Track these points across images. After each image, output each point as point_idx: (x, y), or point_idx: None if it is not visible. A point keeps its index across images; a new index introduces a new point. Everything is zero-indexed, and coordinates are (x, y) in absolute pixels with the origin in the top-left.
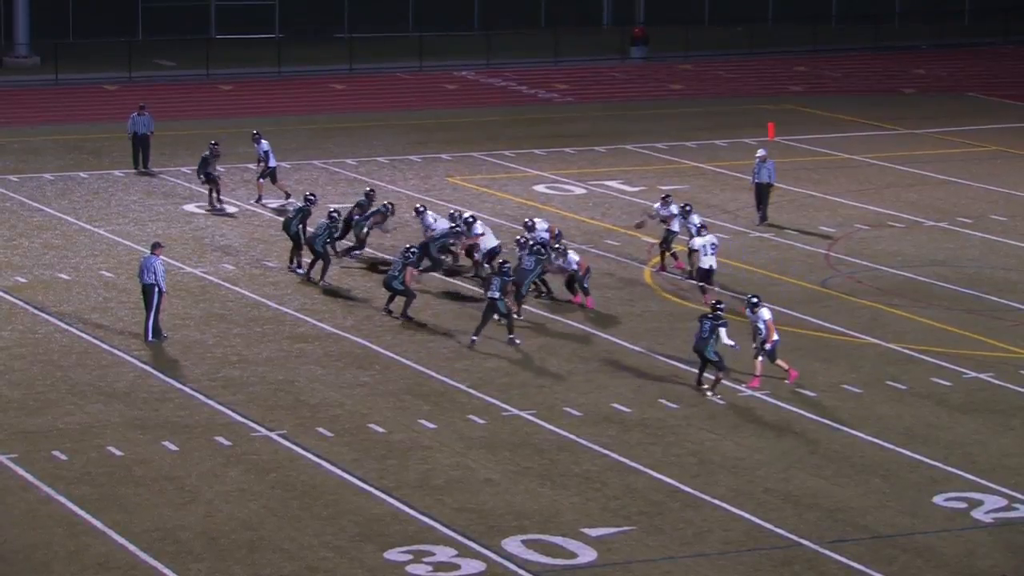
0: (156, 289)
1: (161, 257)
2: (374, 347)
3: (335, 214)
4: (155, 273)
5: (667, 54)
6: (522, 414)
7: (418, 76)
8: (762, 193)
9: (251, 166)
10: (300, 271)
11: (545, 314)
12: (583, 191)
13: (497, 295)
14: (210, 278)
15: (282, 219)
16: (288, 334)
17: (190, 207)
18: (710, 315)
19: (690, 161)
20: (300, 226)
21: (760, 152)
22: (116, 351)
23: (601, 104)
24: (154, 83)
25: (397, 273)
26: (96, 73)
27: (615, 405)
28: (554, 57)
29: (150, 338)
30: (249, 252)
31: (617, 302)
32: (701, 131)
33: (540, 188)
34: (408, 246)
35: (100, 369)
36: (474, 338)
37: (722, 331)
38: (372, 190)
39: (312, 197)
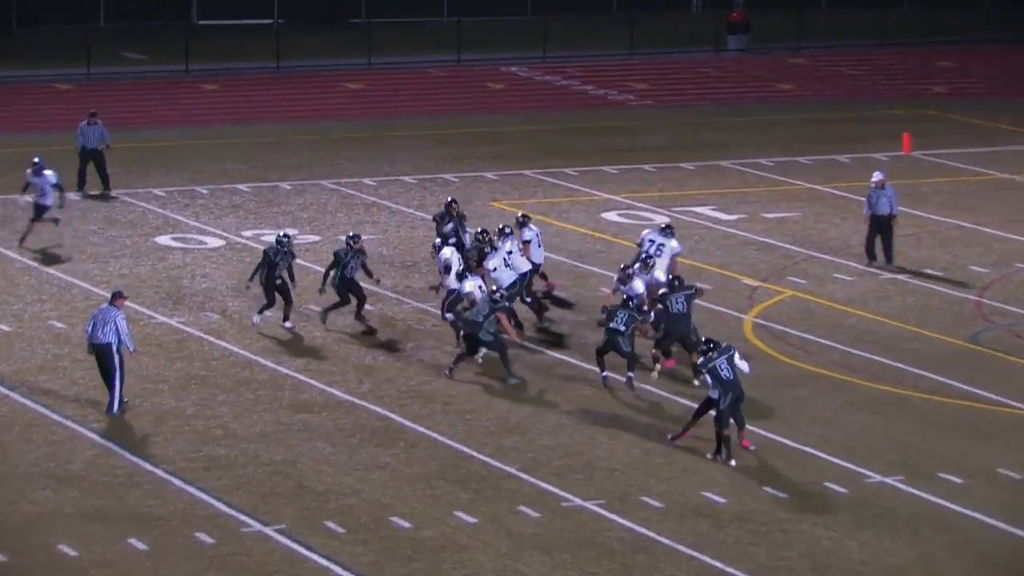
0: (113, 351)
1: (122, 311)
2: (397, 419)
3: (353, 239)
4: (117, 331)
5: (773, 45)
6: (587, 505)
7: (455, 73)
8: (882, 227)
9: (242, 187)
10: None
11: (610, 375)
12: (666, 219)
13: (622, 329)
14: (189, 330)
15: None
16: (288, 402)
17: (164, 239)
18: (713, 352)
19: (802, 182)
20: (266, 275)
21: (876, 176)
22: (69, 423)
23: (689, 109)
24: (119, 81)
25: (482, 319)
26: (46, 69)
27: (705, 493)
28: (629, 49)
29: (114, 410)
30: (238, 297)
31: None
32: (817, 143)
33: (611, 216)
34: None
35: (49, 446)
36: (605, 375)
37: (736, 357)
38: (454, 200)
39: (284, 239)
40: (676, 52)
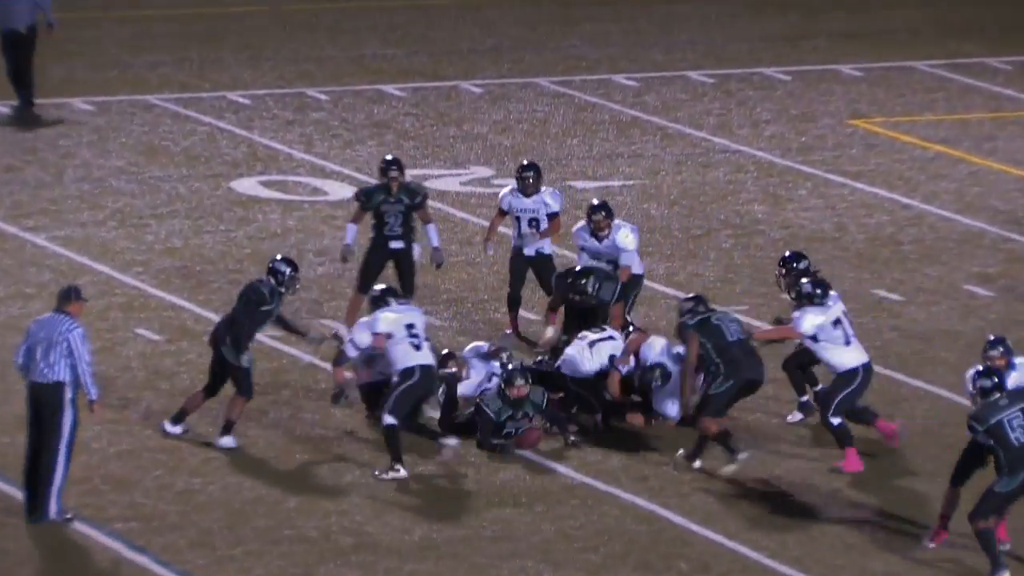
0: (64, 396)
1: (79, 324)
2: (676, 519)
3: (281, 270)
4: (60, 358)
5: None
6: None
7: None
8: None
9: (391, 89)
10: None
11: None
12: None
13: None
14: (291, 352)
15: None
16: (475, 486)
17: (247, 184)
18: (999, 395)
19: None
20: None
21: None
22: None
23: None
24: None
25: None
26: None
27: None
28: None
29: (51, 514)
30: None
31: None
32: None
33: None
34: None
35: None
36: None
37: None
38: (394, 162)
39: (284, 268)
40: None
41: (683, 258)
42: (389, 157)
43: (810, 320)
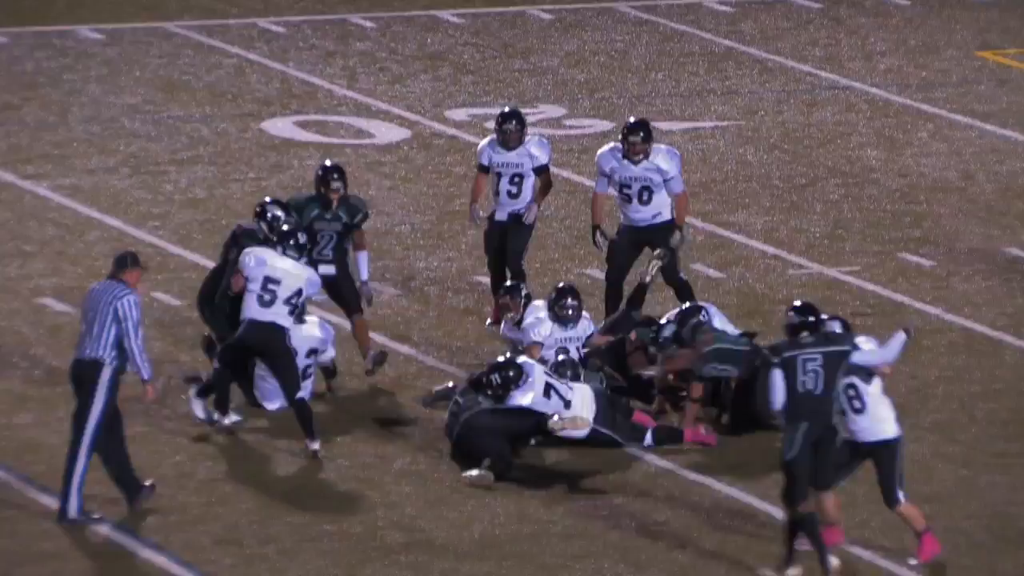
0: (103, 376)
1: (134, 293)
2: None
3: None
4: (105, 329)
5: None
6: None
7: None
8: None
9: (448, 16)
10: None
11: None
12: None
13: None
14: (337, 321)
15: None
16: (561, 488)
17: (282, 125)
18: (804, 333)
19: None
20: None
21: None
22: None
23: None
24: None
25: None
26: None
27: None
28: None
29: (72, 513)
30: (439, 248)
31: None
32: None
33: None
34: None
35: None
36: None
37: (861, 352)
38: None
39: (274, 214)
40: None
41: (785, 211)
42: (329, 163)
43: None
